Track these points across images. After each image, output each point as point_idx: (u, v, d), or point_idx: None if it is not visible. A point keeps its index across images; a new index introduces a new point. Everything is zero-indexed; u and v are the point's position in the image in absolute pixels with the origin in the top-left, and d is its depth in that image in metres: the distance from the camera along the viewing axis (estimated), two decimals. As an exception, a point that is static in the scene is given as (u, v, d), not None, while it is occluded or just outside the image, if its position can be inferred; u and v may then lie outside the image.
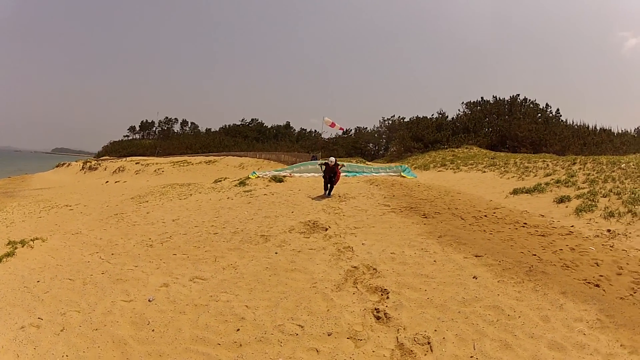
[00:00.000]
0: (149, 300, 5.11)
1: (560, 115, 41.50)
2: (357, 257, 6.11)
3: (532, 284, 5.10)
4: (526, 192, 12.21)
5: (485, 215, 9.82)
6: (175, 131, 79.76)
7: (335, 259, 6.03)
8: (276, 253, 6.53)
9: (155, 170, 27.05)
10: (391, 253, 6.31)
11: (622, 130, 34.86)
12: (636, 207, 8.51)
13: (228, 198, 12.55)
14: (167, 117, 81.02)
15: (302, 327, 4.14)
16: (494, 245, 7.10)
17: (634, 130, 34.92)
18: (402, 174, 18.98)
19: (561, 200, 10.41)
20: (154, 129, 80.00)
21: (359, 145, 52.10)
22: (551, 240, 7.42)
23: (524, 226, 8.61)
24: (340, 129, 20.49)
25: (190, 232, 8.70)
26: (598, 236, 7.57)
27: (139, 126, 79.91)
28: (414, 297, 4.64)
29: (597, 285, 5.28)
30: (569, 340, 3.72)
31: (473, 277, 5.29)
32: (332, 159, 12.31)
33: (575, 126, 37.74)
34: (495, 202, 11.67)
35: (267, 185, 14.72)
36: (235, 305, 4.74)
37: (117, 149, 67.07)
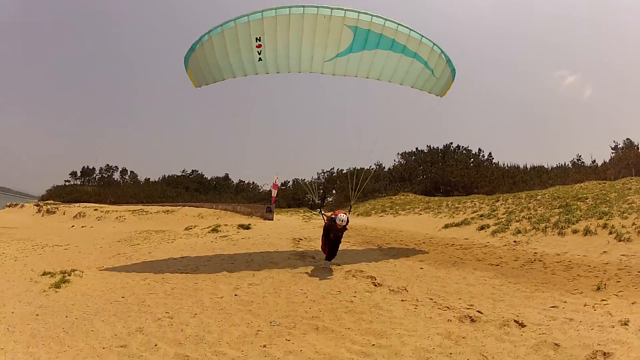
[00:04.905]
0: (235, 295, 7.18)
1: (493, 159, 48.60)
2: (347, 267, 9.47)
3: (455, 267, 9.20)
4: (455, 226, 16.81)
5: (424, 242, 14.15)
6: (116, 179, 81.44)
7: (333, 269, 9.40)
8: (292, 269, 9.52)
9: (116, 218, 27.96)
10: (366, 264, 9.93)
11: (557, 165, 40.42)
12: (541, 224, 12.77)
13: (211, 242, 14.98)
14: (108, 165, 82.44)
15: (340, 292, 7.40)
16: (431, 255, 11.25)
17: (570, 162, 39.60)
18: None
19: (482, 228, 14.93)
20: (94, 175, 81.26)
21: (298, 196, 56.67)
22: (470, 250, 11.81)
23: (452, 245, 13.01)
24: (273, 198, 24.89)
25: (210, 263, 10.58)
26: (505, 245, 12.01)
27: (80, 172, 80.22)
28: (390, 276, 8.38)
29: (498, 265, 9.50)
30: (479, 281, 7.77)
31: (420, 268, 9.27)
32: (343, 217, 9.39)
33: (506, 167, 43.95)
34: (431, 234, 16.17)
35: (237, 232, 17.38)
36: (297, 289, 7.62)
37: (61, 194, 66.52)
